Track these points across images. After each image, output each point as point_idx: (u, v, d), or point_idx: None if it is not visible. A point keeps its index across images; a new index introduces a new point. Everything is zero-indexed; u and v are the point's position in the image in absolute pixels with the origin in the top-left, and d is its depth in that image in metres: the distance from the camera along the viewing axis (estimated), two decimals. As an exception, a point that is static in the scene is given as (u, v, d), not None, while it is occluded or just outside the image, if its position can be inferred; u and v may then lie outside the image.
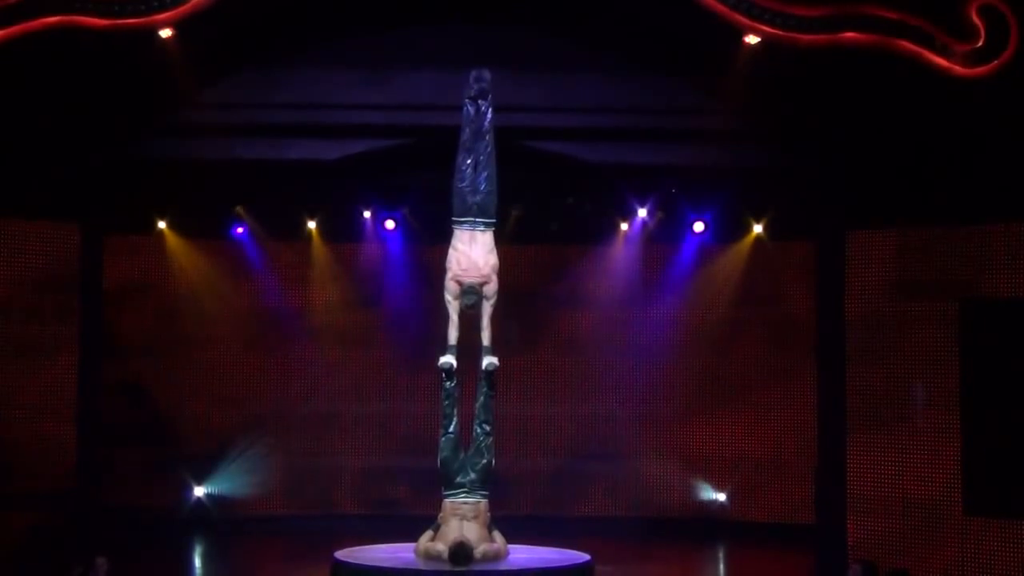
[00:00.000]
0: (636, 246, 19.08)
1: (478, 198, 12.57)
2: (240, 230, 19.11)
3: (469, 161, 12.71)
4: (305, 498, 19.63)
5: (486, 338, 12.14)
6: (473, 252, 12.22)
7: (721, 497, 19.36)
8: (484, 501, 12.04)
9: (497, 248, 12.65)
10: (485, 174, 12.73)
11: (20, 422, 16.55)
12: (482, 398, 12.24)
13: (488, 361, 12.16)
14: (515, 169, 17.56)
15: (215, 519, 14.42)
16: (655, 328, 19.52)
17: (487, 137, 12.76)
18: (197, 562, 17.97)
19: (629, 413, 19.68)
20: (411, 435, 18.80)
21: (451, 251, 12.26)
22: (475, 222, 12.39)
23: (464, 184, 12.78)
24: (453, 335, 12.25)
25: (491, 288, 12.14)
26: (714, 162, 16.52)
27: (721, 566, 18.28)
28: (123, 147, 16.15)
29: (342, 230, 19.46)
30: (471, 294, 12.04)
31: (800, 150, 16.19)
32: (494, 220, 12.48)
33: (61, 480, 16.90)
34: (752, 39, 14.55)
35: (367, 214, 19.08)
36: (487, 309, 12.15)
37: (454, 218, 12.46)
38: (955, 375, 15.56)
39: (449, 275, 12.20)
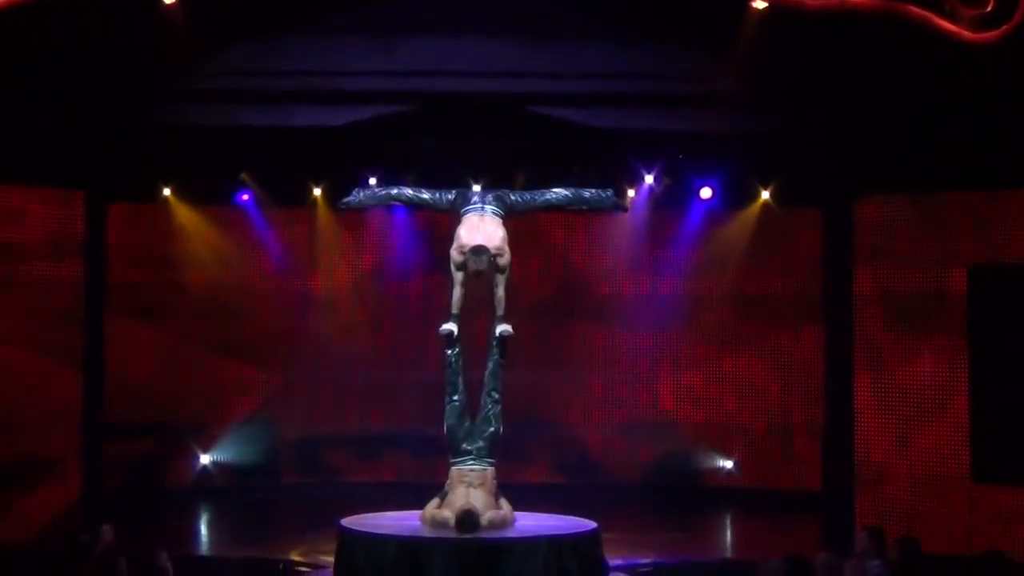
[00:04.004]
0: (643, 213, 19.07)
1: (488, 197, 12.53)
2: (245, 197, 19.11)
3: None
4: (310, 466, 19.70)
5: (500, 308, 12.12)
6: (483, 225, 12.18)
7: (728, 464, 19.41)
8: (491, 469, 12.04)
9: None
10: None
11: (24, 388, 16.64)
12: (491, 365, 12.20)
13: (503, 328, 12.14)
14: (519, 136, 17.69)
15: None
16: (661, 295, 19.53)
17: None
18: (203, 530, 18.06)
19: (634, 381, 19.72)
20: (418, 403, 18.80)
21: (459, 227, 12.22)
22: (483, 207, 12.32)
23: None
24: (456, 303, 12.21)
25: (504, 260, 12.06)
26: (721, 128, 16.50)
27: (727, 534, 18.32)
28: (128, 114, 16.14)
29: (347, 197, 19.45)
30: (481, 255, 11.95)
31: (807, 116, 16.17)
32: (504, 213, 12.41)
33: (66, 446, 17.02)
34: (759, 4, 14.54)
35: (372, 181, 19.06)
36: (501, 281, 12.10)
37: (461, 210, 12.40)
38: (964, 341, 15.62)
39: (456, 244, 12.14)
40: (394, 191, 12.92)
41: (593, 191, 12.79)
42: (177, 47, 15.05)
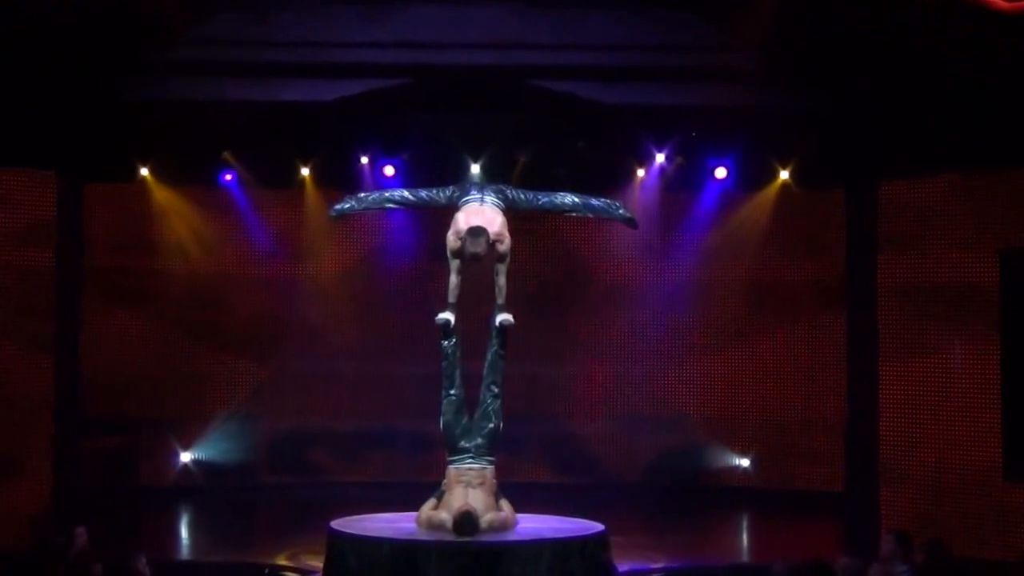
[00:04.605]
0: (653, 194, 19.05)
1: (488, 189, 12.58)
2: (228, 177, 19.09)
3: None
4: (298, 464, 19.69)
5: (500, 296, 12.18)
6: (482, 211, 12.23)
7: (744, 463, 19.41)
8: (491, 468, 12.06)
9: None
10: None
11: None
12: (491, 357, 12.23)
13: (503, 317, 12.18)
14: (520, 112, 17.66)
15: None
16: (673, 281, 19.52)
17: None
18: (183, 533, 18.07)
19: (644, 373, 19.70)
20: (413, 398, 18.81)
21: (457, 213, 12.28)
22: (483, 198, 12.38)
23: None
24: (453, 291, 12.27)
25: (504, 247, 12.12)
26: (737, 103, 16.44)
27: (742, 536, 18.33)
28: (103, 88, 16.11)
29: (337, 176, 19.40)
30: (479, 236, 11.98)
31: (830, 89, 16.14)
32: (504, 207, 12.47)
33: (38, 442, 17.01)
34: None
35: (364, 160, 19.06)
36: (501, 269, 12.18)
37: (459, 202, 12.45)
38: (995, 331, 15.60)
39: (453, 229, 12.18)
40: (387, 193, 13.08)
41: (601, 201, 13.01)
42: (156, 16, 15.01)
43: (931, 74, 15.05)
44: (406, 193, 13.02)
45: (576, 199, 12.85)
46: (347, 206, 13.01)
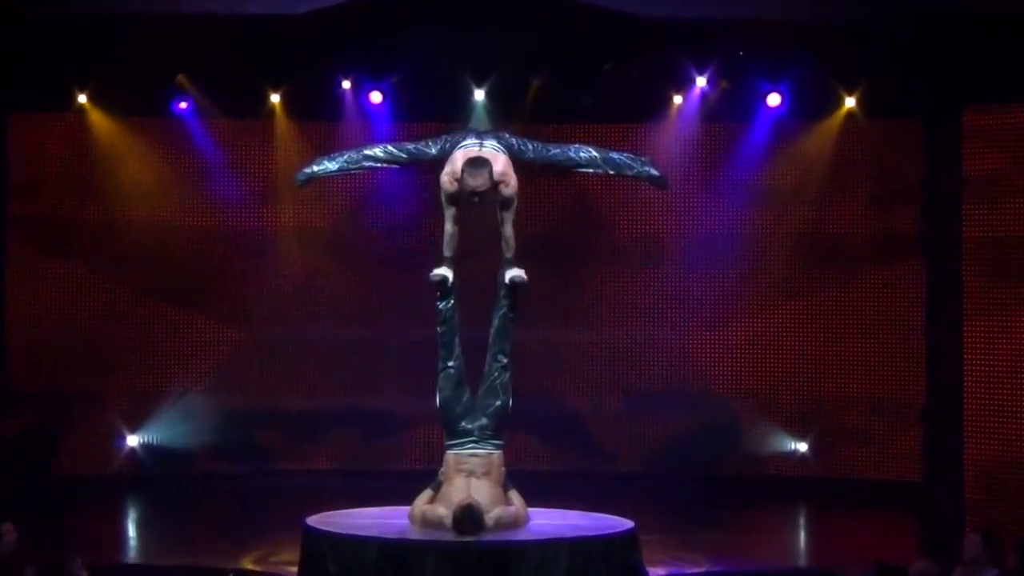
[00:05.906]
0: (692, 125, 19.01)
1: (487, 135, 12.54)
2: (183, 105, 19.07)
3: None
4: (267, 449, 19.70)
5: (509, 250, 12.16)
6: (482, 152, 12.19)
7: (801, 447, 19.40)
8: (498, 453, 12.04)
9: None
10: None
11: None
12: (498, 321, 12.20)
13: (513, 273, 12.15)
14: (537, 28, 17.60)
15: None
16: (717, 230, 19.47)
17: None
18: (129, 530, 18.07)
19: (678, 340, 19.69)
20: (405, 370, 18.82)
21: (452, 155, 12.23)
22: (482, 144, 12.34)
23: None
24: (449, 243, 12.24)
25: (509, 191, 12.08)
26: (793, 16, 16.41)
27: (800, 534, 18.33)
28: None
29: (314, 104, 19.42)
30: (480, 167, 11.94)
31: (904, 2, 16.10)
32: (507, 154, 12.44)
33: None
34: None
35: (346, 84, 19.04)
36: (507, 218, 12.15)
37: (453, 149, 12.43)
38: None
39: (448, 169, 12.14)
40: (366, 150, 12.95)
41: (624, 155, 12.89)
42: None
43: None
44: (390, 147, 12.93)
45: (595, 152, 12.79)
46: (317, 169, 12.90)
